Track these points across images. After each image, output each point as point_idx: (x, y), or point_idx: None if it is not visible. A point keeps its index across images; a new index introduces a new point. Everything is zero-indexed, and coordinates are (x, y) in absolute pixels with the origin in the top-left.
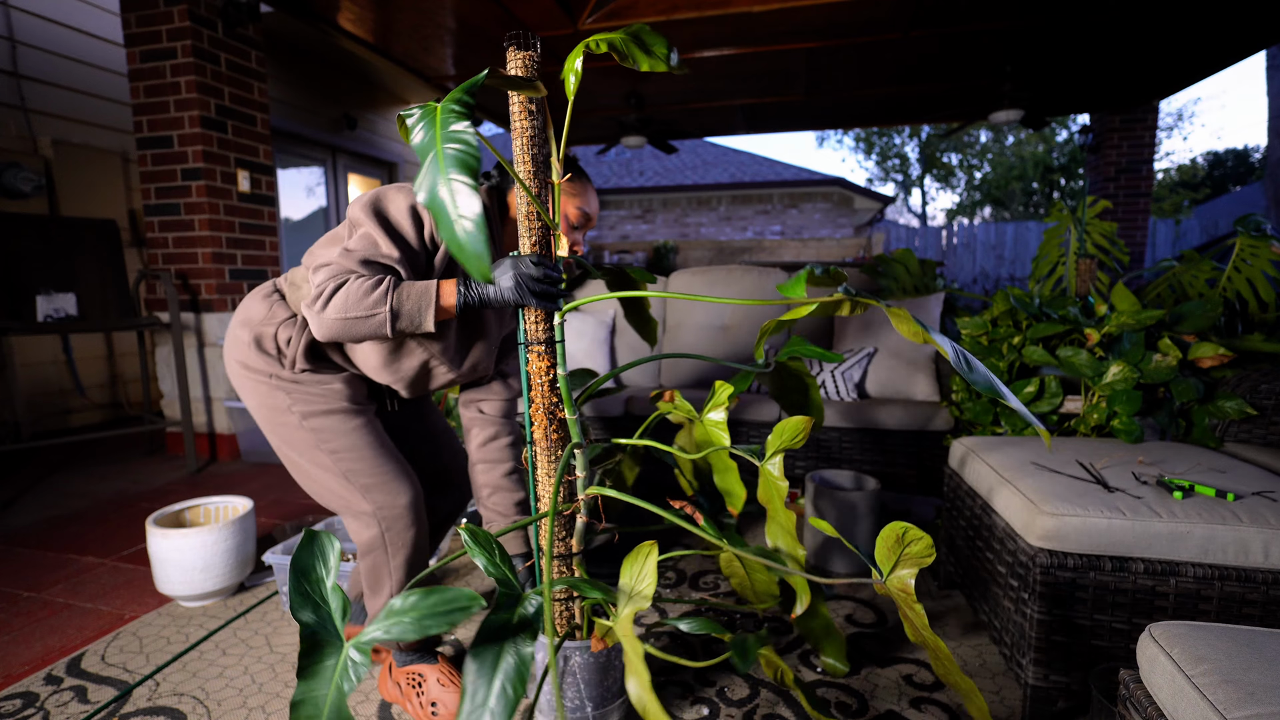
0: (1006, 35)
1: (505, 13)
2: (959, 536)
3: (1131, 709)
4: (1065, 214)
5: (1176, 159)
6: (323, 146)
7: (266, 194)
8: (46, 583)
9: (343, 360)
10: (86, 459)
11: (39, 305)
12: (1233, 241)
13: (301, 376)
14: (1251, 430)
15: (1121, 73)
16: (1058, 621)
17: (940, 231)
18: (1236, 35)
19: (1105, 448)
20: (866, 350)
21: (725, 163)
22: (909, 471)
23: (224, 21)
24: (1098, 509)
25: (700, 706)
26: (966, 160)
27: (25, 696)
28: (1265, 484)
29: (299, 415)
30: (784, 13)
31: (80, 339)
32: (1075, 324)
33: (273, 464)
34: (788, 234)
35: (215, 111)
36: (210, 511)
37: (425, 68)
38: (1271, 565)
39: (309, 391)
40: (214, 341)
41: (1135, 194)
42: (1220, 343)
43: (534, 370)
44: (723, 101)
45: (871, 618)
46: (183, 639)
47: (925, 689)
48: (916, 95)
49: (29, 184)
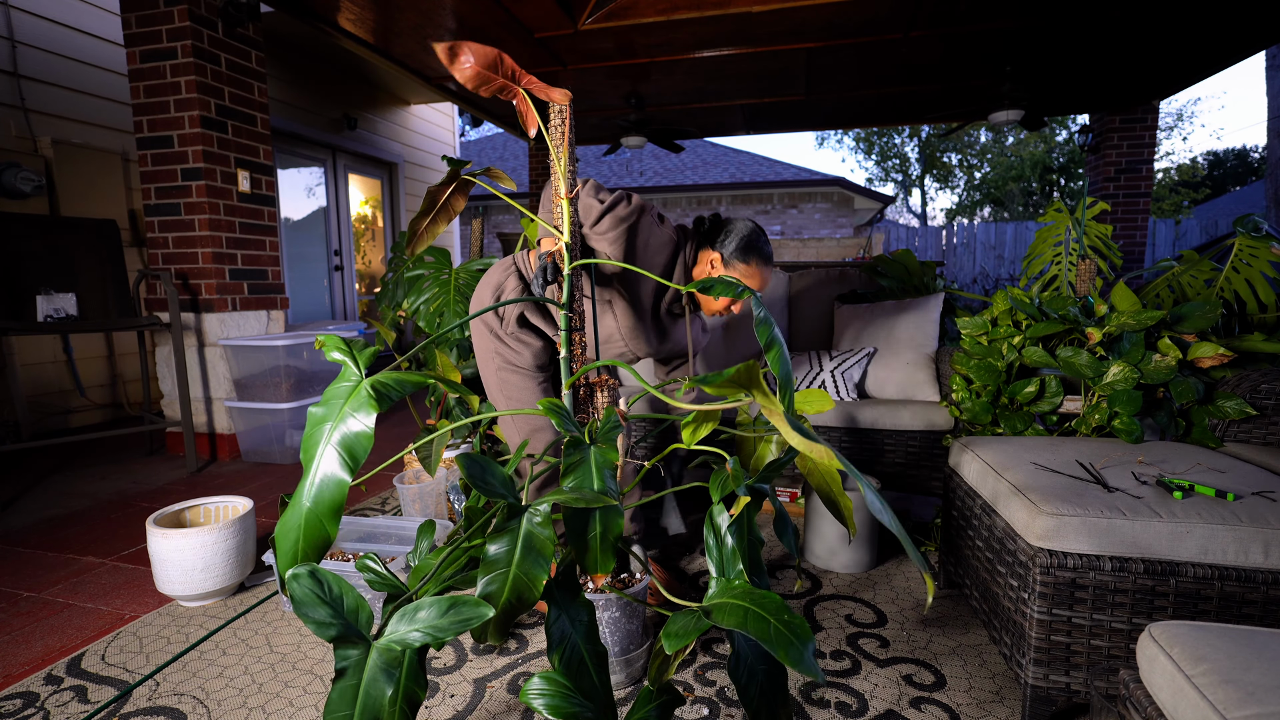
0: (1006, 35)
1: (505, 13)
2: (959, 536)
3: (1131, 709)
4: (1062, 214)
5: (1176, 159)
6: (323, 146)
7: (266, 194)
8: (46, 583)
9: (541, 329)
10: (86, 459)
11: (39, 305)
12: (1232, 242)
13: (508, 337)
14: (1251, 430)
15: (1121, 73)
16: (1058, 621)
17: (940, 231)
18: (1236, 35)
19: (1105, 448)
20: (866, 350)
21: (725, 163)
22: (909, 471)
23: (224, 21)
24: (1098, 509)
25: (700, 706)
26: (966, 160)
27: (25, 696)
28: (1265, 484)
29: (499, 363)
30: (784, 13)
31: (80, 339)
32: (1075, 324)
33: (273, 464)
34: (788, 234)
35: (215, 111)
36: (210, 511)
37: (425, 68)
38: (1271, 565)
39: (509, 348)
40: (214, 341)
41: (1135, 194)
42: (1220, 343)
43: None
44: (723, 101)
45: (871, 618)
46: (183, 639)
47: (925, 689)
48: (916, 95)
49: (29, 184)
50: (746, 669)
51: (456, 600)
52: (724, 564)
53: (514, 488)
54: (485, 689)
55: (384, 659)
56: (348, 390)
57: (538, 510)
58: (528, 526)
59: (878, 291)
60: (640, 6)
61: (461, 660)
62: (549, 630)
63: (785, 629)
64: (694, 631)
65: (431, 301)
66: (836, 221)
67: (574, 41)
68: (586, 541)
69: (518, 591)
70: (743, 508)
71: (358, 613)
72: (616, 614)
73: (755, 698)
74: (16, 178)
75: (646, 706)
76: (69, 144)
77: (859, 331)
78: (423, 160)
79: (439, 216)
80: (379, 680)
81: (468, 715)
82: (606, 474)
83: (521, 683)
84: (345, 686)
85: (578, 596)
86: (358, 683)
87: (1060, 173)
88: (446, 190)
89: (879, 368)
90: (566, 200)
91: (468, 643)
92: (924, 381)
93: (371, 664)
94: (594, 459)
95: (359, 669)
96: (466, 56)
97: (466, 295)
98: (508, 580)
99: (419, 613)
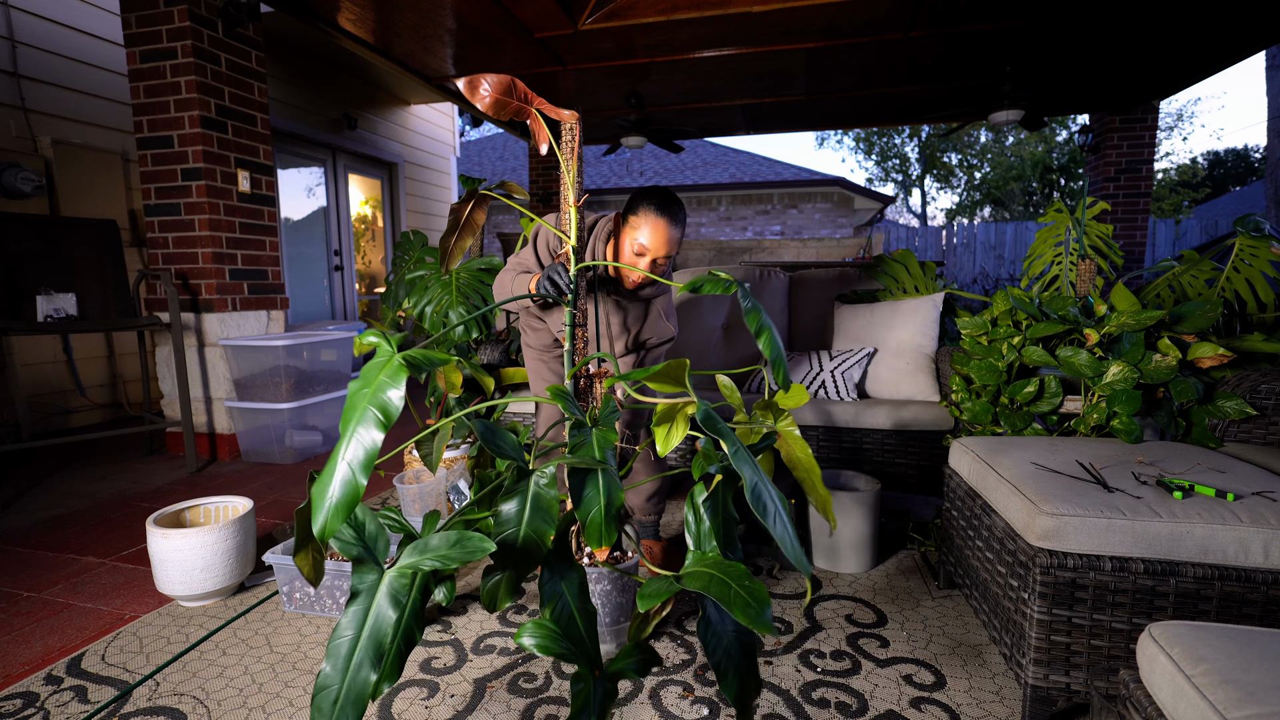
0: (1006, 35)
1: (505, 13)
2: (959, 536)
3: (1131, 709)
4: (1062, 214)
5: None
6: (323, 146)
7: (266, 194)
8: (46, 583)
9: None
10: (86, 459)
11: (39, 305)
12: (1232, 242)
13: (529, 318)
14: (1251, 430)
15: (1121, 73)
16: (1058, 621)
17: (940, 231)
18: (1236, 35)
19: (1105, 448)
20: (866, 350)
21: (725, 163)
22: (909, 471)
23: (224, 21)
24: (1097, 509)
25: (700, 706)
26: (966, 160)
27: (25, 696)
28: (1265, 484)
29: (523, 340)
30: (784, 13)
31: (80, 339)
32: (1075, 324)
33: (273, 464)
34: (788, 234)
35: (215, 111)
36: (210, 511)
37: (425, 68)
38: (1271, 565)
39: (527, 328)
40: (214, 341)
41: (1135, 194)
42: (1220, 343)
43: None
44: (723, 101)
45: (872, 618)
46: (183, 639)
47: (925, 689)
48: (916, 95)
49: (29, 184)
50: (713, 632)
51: (464, 535)
52: (700, 538)
53: (522, 453)
54: (485, 689)
55: (394, 585)
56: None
57: (544, 473)
58: (535, 488)
59: (878, 291)
60: (640, 6)
61: (461, 660)
62: (542, 589)
63: (744, 593)
64: (665, 593)
65: (435, 302)
66: (836, 221)
67: (574, 41)
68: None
69: (528, 544)
70: (715, 486)
71: (377, 539)
72: (608, 587)
73: (722, 656)
74: (16, 178)
75: (627, 660)
76: (69, 144)
77: (859, 331)
78: (423, 160)
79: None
80: (386, 607)
81: (467, 715)
82: (607, 451)
83: (522, 683)
84: (356, 611)
85: (571, 561)
86: (368, 607)
87: (1060, 173)
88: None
89: (879, 368)
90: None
91: (468, 643)
92: (924, 381)
93: (382, 589)
94: (595, 439)
95: (371, 593)
96: (484, 86)
97: (468, 296)
98: (519, 536)
99: (430, 542)
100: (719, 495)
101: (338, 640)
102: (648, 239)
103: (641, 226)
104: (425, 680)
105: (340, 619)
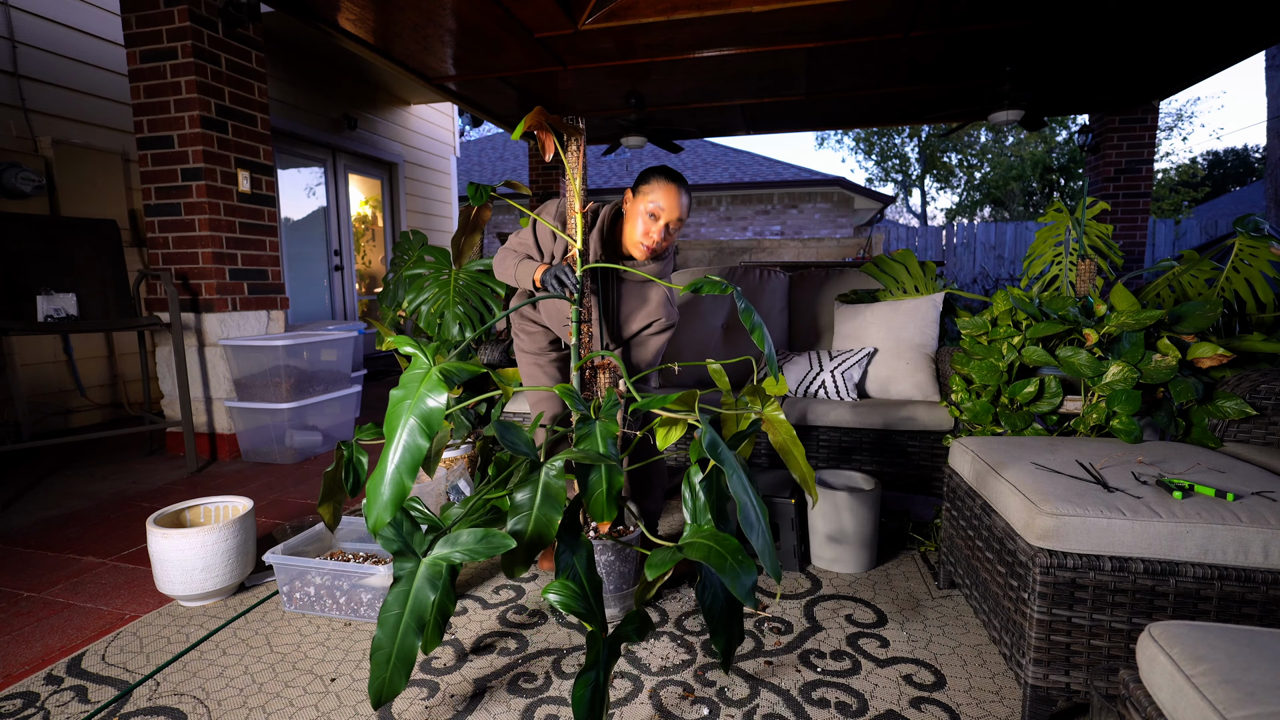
0: (1006, 35)
1: (505, 13)
2: (959, 536)
3: (1131, 709)
4: (1062, 214)
5: (1176, 159)
6: (323, 146)
7: (266, 194)
8: (46, 583)
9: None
10: (86, 459)
11: (39, 305)
12: (1232, 241)
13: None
14: (1251, 430)
15: (1121, 73)
16: (1058, 621)
17: (940, 231)
18: (1236, 35)
19: (1105, 448)
20: (866, 350)
21: (725, 163)
22: (909, 471)
23: (224, 21)
24: (1097, 509)
25: (700, 706)
26: (966, 160)
27: (25, 696)
28: (1265, 484)
29: (517, 344)
30: (784, 13)
31: (80, 339)
32: (1075, 324)
33: (273, 464)
34: (787, 234)
35: (215, 112)
36: (210, 511)
37: (425, 68)
38: (1271, 565)
39: (521, 332)
40: (214, 341)
41: (1135, 194)
42: (1219, 343)
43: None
44: (723, 101)
45: (872, 618)
46: (183, 639)
47: (925, 689)
48: (916, 95)
49: (29, 184)
50: (711, 593)
51: (488, 532)
52: (696, 513)
53: (534, 448)
54: (485, 689)
55: (430, 571)
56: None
57: (554, 465)
58: (545, 479)
59: (878, 291)
60: (640, 6)
61: (462, 660)
62: (558, 560)
63: (736, 564)
64: (670, 561)
65: (432, 302)
66: (836, 221)
67: (574, 41)
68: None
69: (538, 530)
70: (710, 469)
71: (413, 534)
72: (612, 558)
73: (716, 615)
74: (17, 178)
75: (632, 624)
76: (69, 144)
77: (859, 331)
78: (423, 160)
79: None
80: (424, 588)
81: (467, 715)
82: (609, 442)
83: (522, 683)
84: (399, 591)
85: (579, 537)
86: (409, 589)
87: (1060, 173)
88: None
89: (879, 368)
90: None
91: (468, 643)
92: (924, 381)
93: (420, 574)
94: (599, 430)
95: (410, 578)
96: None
97: (466, 296)
98: (530, 520)
99: (459, 538)
100: (713, 477)
101: (387, 614)
102: (662, 200)
103: (655, 190)
104: (425, 680)
105: (386, 598)
